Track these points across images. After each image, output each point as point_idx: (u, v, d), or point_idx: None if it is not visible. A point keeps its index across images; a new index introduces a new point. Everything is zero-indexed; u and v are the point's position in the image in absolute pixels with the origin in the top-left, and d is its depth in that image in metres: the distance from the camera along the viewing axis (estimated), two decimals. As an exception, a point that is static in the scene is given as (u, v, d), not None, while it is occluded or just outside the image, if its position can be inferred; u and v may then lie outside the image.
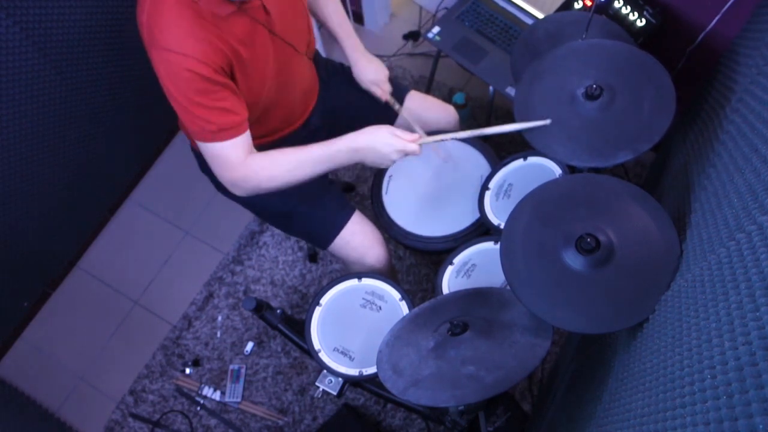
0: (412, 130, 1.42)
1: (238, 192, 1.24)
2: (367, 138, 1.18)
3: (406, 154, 1.18)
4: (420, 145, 1.19)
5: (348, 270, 1.59)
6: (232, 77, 1.15)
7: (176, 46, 1.03)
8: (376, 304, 1.33)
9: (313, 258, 2.11)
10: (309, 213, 1.45)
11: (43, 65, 1.62)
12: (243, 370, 1.98)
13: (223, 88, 1.11)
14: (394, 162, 1.20)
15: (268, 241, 2.16)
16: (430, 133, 1.54)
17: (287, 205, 1.45)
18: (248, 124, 1.18)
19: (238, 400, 1.95)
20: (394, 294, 1.34)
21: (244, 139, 1.17)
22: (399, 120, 1.54)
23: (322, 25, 1.47)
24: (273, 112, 1.34)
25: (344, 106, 1.54)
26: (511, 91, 1.76)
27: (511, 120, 1.19)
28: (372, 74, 1.45)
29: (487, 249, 1.35)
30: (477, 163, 1.50)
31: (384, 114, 1.55)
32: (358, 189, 2.21)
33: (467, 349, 1.04)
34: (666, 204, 1.04)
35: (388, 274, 1.53)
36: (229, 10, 1.08)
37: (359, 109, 1.54)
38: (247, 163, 1.18)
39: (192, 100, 1.09)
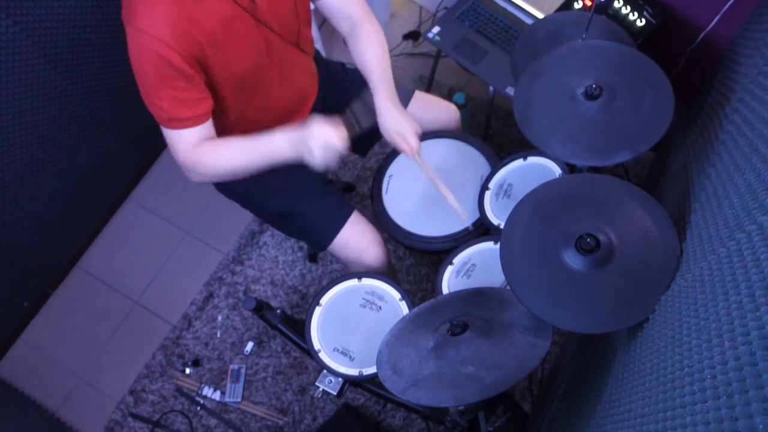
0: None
1: (189, 177, 1.26)
2: (302, 130, 1.17)
3: (329, 146, 1.15)
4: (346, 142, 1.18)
5: (347, 270, 1.59)
6: (206, 64, 1.14)
7: (148, 27, 1.04)
8: (376, 304, 1.33)
9: (313, 258, 2.11)
10: (306, 214, 1.45)
11: (43, 65, 1.62)
12: (243, 370, 1.98)
13: (186, 80, 1.11)
14: (322, 158, 1.16)
15: (268, 241, 2.16)
16: (431, 135, 1.55)
17: (285, 206, 1.44)
18: (207, 117, 1.19)
19: (238, 400, 1.95)
20: (394, 294, 1.34)
21: (195, 132, 1.18)
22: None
23: (360, 68, 1.38)
24: (270, 107, 1.34)
25: (344, 106, 1.54)
26: (511, 91, 1.76)
27: (512, 120, 1.19)
28: (397, 125, 1.32)
29: (487, 249, 1.35)
30: (477, 163, 1.50)
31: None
32: (358, 189, 2.21)
33: (467, 349, 1.04)
34: (666, 204, 1.04)
35: (387, 273, 1.53)
36: None
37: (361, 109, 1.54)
38: (194, 153, 1.19)
39: (153, 84, 1.10)
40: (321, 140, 1.16)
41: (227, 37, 1.13)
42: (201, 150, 1.20)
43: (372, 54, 1.34)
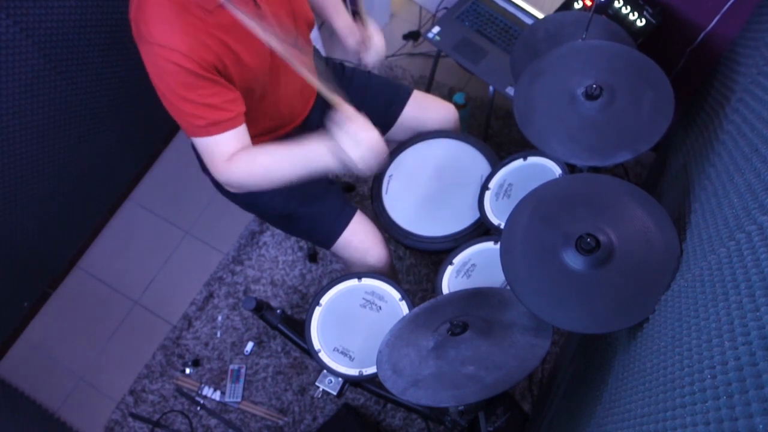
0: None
1: (229, 188, 1.24)
2: (339, 136, 1.13)
3: (361, 139, 1.12)
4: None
5: (349, 270, 1.59)
6: (226, 72, 1.14)
7: (162, 39, 1.04)
8: (376, 304, 1.33)
9: (313, 258, 2.11)
10: (310, 214, 1.45)
11: (43, 65, 1.62)
12: (243, 370, 1.98)
13: (211, 84, 1.10)
14: (364, 162, 1.13)
15: (268, 241, 2.16)
16: (431, 135, 1.55)
17: (288, 208, 1.45)
18: (242, 119, 1.17)
19: (238, 400, 1.95)
20: (394, 294, 1.34)
21: (235, 134, 1.16)
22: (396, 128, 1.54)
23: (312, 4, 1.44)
24: (271, 107, 1.34)
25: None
26: (511, 91, 1.76)
27: (512, 120, 1.19)
28: (359, 39, 1.41)
29: (487, 249, 1.35)
30: (477, 162, 1.50)
31: (384, 115, 1.55)
32: (358, 189, 2.21)
33: (467, 349, 1.04)
34: (666, 204, 1.04)
35: (389, 274, 1.53)
36: (216, 3, 1.08)
37: (359, 109, 1.54)
38: (231, 163, 1.17)
39: (179, 95, 1.09)
40: (361, 147, 1.12)
41: (238, 45, 1.14)
42: (238, 160, 1.17)
43: None
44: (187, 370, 2.00)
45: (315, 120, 1.50)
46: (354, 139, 1.12)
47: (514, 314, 1.10)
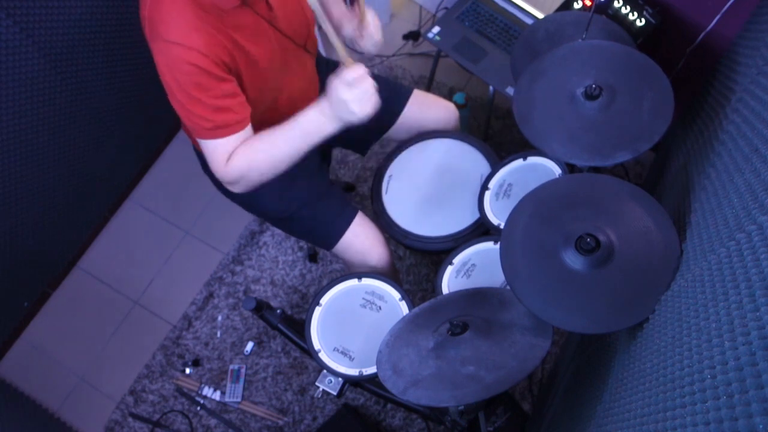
0: None
1: (236, 189, 1.24)
2: (326, 96, 1.14)
3: (355, 83, 1.10)
4: (359, 67, 1.11)
5: (350, 270, 1.59)
6: (238, 73, 1.14)
7: (178, 37, 1.03)
8: (376, 304, 1.33)
9: (313, 258, 2.11)
10: (311, 216, 1.45)
11: (43, 65, 1.62)
12: (243, 370, 1.98)
13: (223, 84, 1.10)
14: (359, 103, 1.11)
15: (268, 241, 2.16)
16: (431, 134, 1.55)
17: (289, 209, 1.45)
18: (248, 121, 1.18)
19: (238, 400, 1.95)
20: (394, 294, 1.34)
21: (240, 137, 1.16)
22: (398, 125, 1.54)
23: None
24: (276, 109, 1.34)
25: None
26: (511, 91, 1.76)
27: (512, 120, 1.19)
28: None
29: (487, 249, 1.35)
30: (477, 162, 1.50)
31: (385, 114, 1.54)
32: (358, 189, 2.21)
33: (467, 349, 1.04)
34: (666, 204, 1.04)
35: (390, 274, 1.53)
36: (233, 4, 1.08)
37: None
38: (232, 161, 1.16)
39: (190, 96, 1.08)
40: (354, 89, 1.10)
41: (251, 46, 1.14)
42: (237, 155, 1.17)
43: None
44: (187, 370, 2.00)
45: None
46: (347, 82, 1.10)
47: (514, 314, 1.10)
